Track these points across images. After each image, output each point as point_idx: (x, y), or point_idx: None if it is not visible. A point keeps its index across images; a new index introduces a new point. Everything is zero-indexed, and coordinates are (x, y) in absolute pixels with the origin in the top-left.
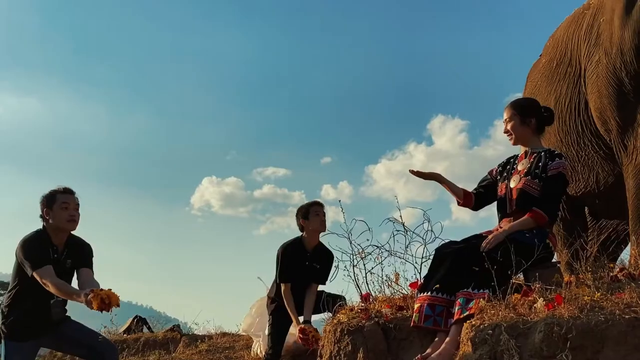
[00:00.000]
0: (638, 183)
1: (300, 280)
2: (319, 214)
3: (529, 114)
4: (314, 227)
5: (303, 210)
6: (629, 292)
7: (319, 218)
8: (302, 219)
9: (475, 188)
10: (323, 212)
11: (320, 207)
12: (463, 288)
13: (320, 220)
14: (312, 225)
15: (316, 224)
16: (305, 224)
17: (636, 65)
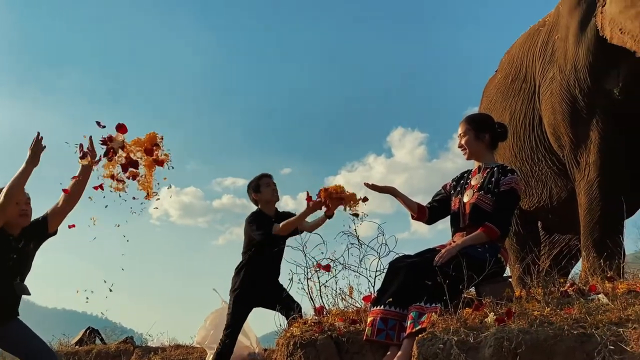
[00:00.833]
0: (590, 199)
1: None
2: (270, 184)
3: (483, 129)
4: (267, 198)
5: (253, 184)
6: (577, 307)
7: (270, 188)
8: (254, 193)
9: (429, 202)
10: (273, 182)
11: (269, 177)
12: (416, 302)
13: (272, 189)
14: (265, 196)
15: (269, 195)
16: (259, 197)
17: (589, 83)
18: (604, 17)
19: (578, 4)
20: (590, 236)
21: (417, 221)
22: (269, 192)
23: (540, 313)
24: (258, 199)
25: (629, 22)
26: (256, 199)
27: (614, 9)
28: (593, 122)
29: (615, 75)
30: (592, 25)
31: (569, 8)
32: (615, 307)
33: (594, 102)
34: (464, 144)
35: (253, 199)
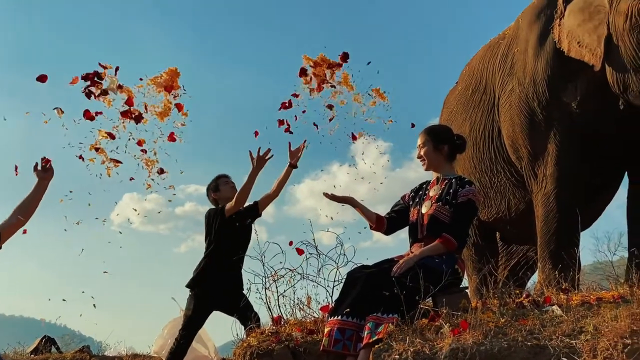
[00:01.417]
0: (547, 211)
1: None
2: (228, 182)
3: (442, 140)
4: (227, 195)
5: (212, 185)
6: (532, 318)
7: (228, 185)
8: (213, 192)
9: (387, 213)
10: (231, 181)
11: (226, 177)
12: (373, 312)
13: (230, 187)
14: (224, 194)
15: (228, 192)
16: (219, 196)
17: (548, 95)
18: (561, 30)
19: (537, 18)
20: (546, 248)
21: (375, 231)
22: (228, 190)
23: (495, 324)
24: (218, 197)
25: (587, 36)
26: (216, 198)
27: (572, 22)
28: (551, 134)
29: (572, 88)
30: (551, 38)
31: (528, 21)
32: (569, 318)
33: (551, 114)
34: (423, 154)
35: (213, 200)
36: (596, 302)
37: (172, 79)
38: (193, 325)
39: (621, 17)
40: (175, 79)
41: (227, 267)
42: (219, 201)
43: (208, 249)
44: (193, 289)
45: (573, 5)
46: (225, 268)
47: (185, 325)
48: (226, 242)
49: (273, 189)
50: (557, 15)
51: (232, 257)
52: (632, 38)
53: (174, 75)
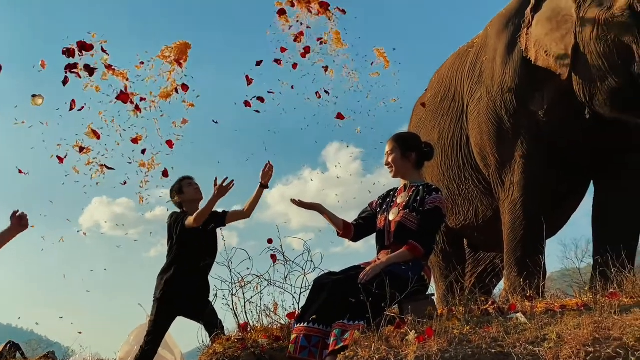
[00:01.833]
0: (513, 218)
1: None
2: (192, 184)
3: (410, 148)
4: (191, 197)
5: (176, 187)
6: (496, 326)
7: (192, 187)
8: (177, 195)
9: (355, 219)
10: (195, 182)
11: (190, 179)
12: (339, 319)
13: (194, 188)
14: (189, 195)
15: (192, 193)
16: (182, 198)
17: (515, 104)
18: (529, 39)
19: (506, 27)
20: (513, 255)
21: (342, 238)
22: (192, 192)
23: (460, 332)
24: (182, 200)
25: (554, 45)
26: (180, 200)
27: (540, 32)
28: (518, 142)
29: (540, 97)
30: (519, 47)
31: (497, 30)
32: (533, 326)
33: (519, 123)
34: (391, 162)
35: (177, 202)
36: (560, 309)
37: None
38: (157, 331)
39: (588, 27)
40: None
41: (190, 272)
42: (183, 203)
43: (170, 254)
44: (156, 295)
45: (540, 15)
46: (188, 273)
47: (149, 331)
48: (189, 247)
49: (246, 208)
50: (525, 25)
51: (195, 262)
52: (598, 48)
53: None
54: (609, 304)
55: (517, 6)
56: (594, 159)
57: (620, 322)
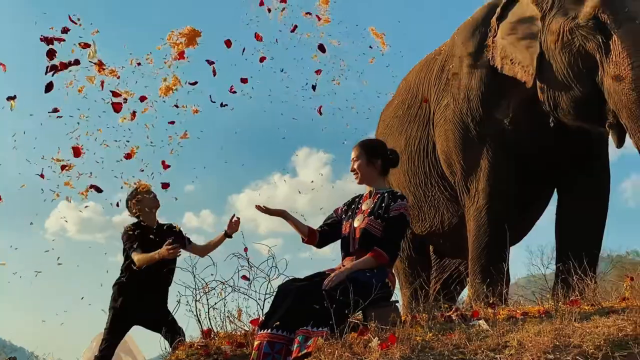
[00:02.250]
0: (478, 225)
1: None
2: (149, 193)
3: (376, 155)
4: (148, 205)
5: (132, 195)
6: (458, 333)
7: (150, 196)
8: (133, 204)
9: (320, 226)
10: (152, 191)
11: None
12: (302, 326)
13: (151, 197)
14: (146, 204)
15: (149, 202)
16: (139, 207)
17: (481, 112)
18: (495, 47)
19: (472, 35)
20: (477, 262)
21: (307, 244)
22: (149, 200)
23: (422, 338)
24: (139, 209)
25: (519, 53)
26: (137, 209)
27: (505, 40)
28: (483, 150)
29: (505, 105)
30: (485, 56)
31: (463, 38)
32: (495, 333)
33: (484, 130)
34: (356, 168)
35: (134, 212)
36: (522, 316)
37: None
38: (111, 340)
39: (553, 36)
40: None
41: (145, 283)
42: (139, 213)
43: (124, 264)
44: (111, 304)
45: (506, 24)
46: (143, 284)
47: (103, 340)
48: None
49: (203, 249)
50: (491, 33)
51: (151, 273)
52: (563, 57)
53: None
54: (570, 312)
55: (484, 14)
56: (558, 166)
57: (580, 330)
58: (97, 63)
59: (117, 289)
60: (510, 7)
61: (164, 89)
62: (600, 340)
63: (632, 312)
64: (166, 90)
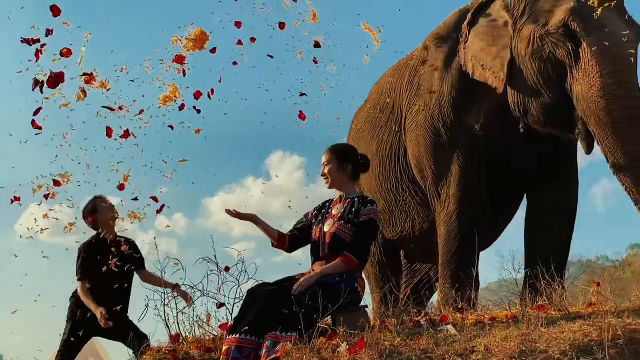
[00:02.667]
0: (449, 230)
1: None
2: (107, 203)
3: (347, 160)
4: (107, 216)
5: (89, 207)
6: (426, 338)
7: (108, 207)
8: (91, 216)
9: (290, 230)
10: (109, 202)
11: (103, 198)
12: (271, 331)
13: (109, 208)
14: (104, 215)
15: (107, 214)
16: (97, 218)
17: (453, 117)
18: (466, 53)
19: (444, 41)
20: (447, 267)
21: (277, 249)
22: (108, 211)
23: (391, 343)
24: (97, 220)
25: (490, 59)
26: (94, 221)
27: (477, 46)
28: (455, 155)
29: (477, 111)
30: (457, 61)
31: (435, 44)
32: (462, 338)
33: (456, 136)
34: (327, 172)
35: (92, 224)
36: (490, 321)
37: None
38: (68, 351)
39: (523, 43)
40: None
41: (102, 294)
42: (97, 225)
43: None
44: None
45: (477, 30)
46: (99, 295)
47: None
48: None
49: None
50: (462, 39)
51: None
52: (533, 63)
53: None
54: (537, 317)
55: (456, 20)
56: (527, 172)
57: (546, 335)
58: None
59: (74, 301)
60: (482, 13)
61: (163, 100)
62: (566, 346)
63: (598, 317)
64: (165, 101)
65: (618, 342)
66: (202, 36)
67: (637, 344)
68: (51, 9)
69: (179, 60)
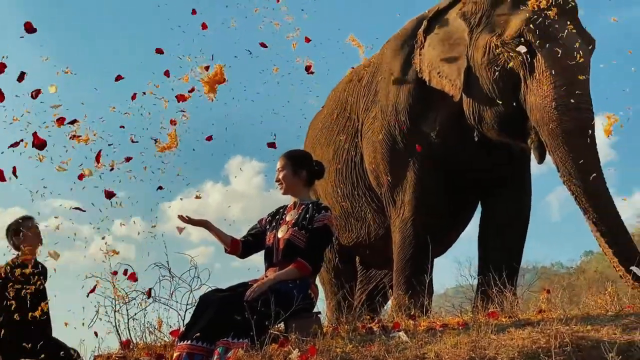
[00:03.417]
0: (404, 237)
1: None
2: (32, 227)
3: (301, 166)
4: (29, 241)
5: (13, 226)
6: (378, 344)
7: (32, 230)
8: (14, 236)
9: (244, 236)
10: (35, 224)
11: (31, 219)
12: (223, 337)
13: (35, 233)
14: (27, 239)
15: (31, 238)
16: (19, 240)
17: (409, 124)
18: (422, 60)
19: (401, 48)
20: (401, 273)
21: (230, 254)
22: (31, 235)
23: (342, 350)
24: (19, 242)
25: (447, 67)
26: (16, 242)
27: (433, 53)
28: (410, 162)
29: (433, 118)
30: (414, 68)
31: (392, 51)
32: (414, 344)
33: (412, 143)
34: (281, 178)
35: (14, 244)
36: (441, 328)
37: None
38: None
39: (479, 52)
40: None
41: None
42: (20, 245)
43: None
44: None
45: (433, 37)
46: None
47: None
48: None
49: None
50: (417, 45)
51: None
52: (489, 72)
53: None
54: (487, 324)
55: (413, 27)
56: (482, 179)
57: (495, 342)
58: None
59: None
60: (438, 20)
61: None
62: (515, 352)
63: (547, 324)
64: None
65: (565, 349)
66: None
67: (584, 350)
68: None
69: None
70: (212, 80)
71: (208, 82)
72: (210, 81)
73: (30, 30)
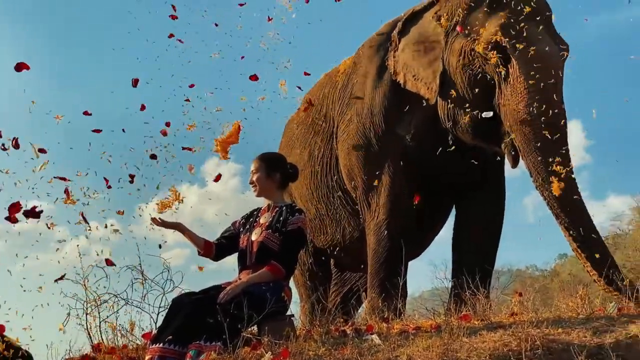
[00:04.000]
0: (378, 239)
1: None
2: None
3: (275, 168)
4: None
5: None
6: (351, 347)
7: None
8: None
9: (217, 238)
10: None
11: None
12: (195, 340)
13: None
14: None
15: None
16: None
17: (384, 127)
18: (397, 62)
19: (377, 51)
20: (376, 276)
21: (203, 257)
22: None
23: (315, 353)
24: None
25: (422, 70)
26: None
27: (408, 56)
28: (385, 165)
29: (408, 121)
30: (389, 72)
31: (368, 53)
32: (386, 347)
33: (387, 146)
34: (255, 181)
35: None
36: (414, 331)
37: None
38: None
39: (455, 56)
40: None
41: None
42: None
43: None
44: None
45: (408, 39)
46: None
47: None
48: None
49: None
50: (392, 48)
51: None
52: (463, 77)
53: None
54: (459, 327)
55: (389, 29)
56: (457, 183)
57: (467, 345)
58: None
59: None
60: (413, 23)
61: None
62: (486, 355)
63: (518, 327)
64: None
65: (536, 352)
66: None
67: (555, 353)
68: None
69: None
70: (226, 142)
71: (221, 143)
72: (224, 142)
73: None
